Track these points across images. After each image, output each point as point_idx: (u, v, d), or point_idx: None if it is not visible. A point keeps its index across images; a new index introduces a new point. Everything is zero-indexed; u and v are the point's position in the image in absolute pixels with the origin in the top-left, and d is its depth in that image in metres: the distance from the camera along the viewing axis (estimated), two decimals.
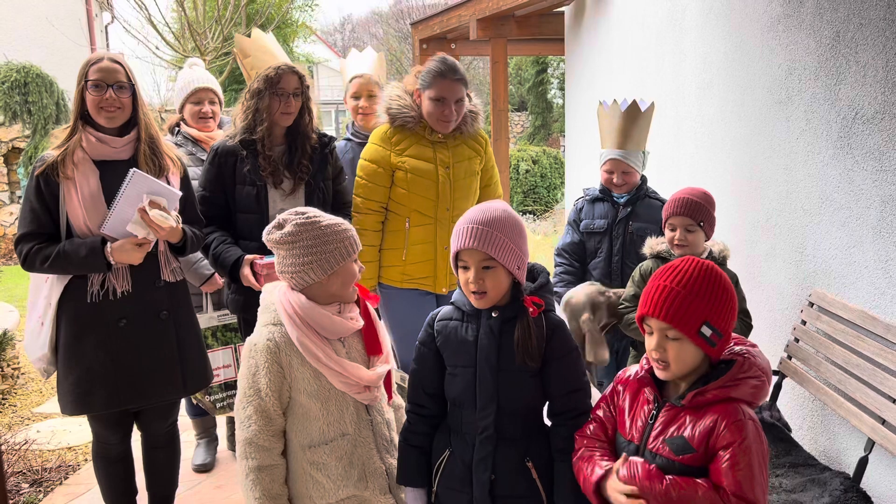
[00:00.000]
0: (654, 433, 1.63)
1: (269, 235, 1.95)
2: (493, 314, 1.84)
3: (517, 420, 1.84)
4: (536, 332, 1.80)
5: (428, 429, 1.95)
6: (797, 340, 2.90)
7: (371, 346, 2.06)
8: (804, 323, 2.88)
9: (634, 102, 3.13)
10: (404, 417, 2.04)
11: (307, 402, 1.93)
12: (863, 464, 2.37)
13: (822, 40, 2.80)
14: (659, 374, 1.65)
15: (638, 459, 1.63)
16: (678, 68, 4.15)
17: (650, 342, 1.63)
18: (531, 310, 1.80)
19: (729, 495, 1.51)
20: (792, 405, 3.04)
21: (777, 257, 3.17)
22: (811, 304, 2.85)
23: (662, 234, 2.82)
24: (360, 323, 2.02)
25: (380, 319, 2.21)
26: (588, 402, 1.88)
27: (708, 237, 2.75)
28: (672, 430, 1.61)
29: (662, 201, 3.10)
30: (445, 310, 1.95)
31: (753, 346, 1.68)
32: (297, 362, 1.91)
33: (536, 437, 1.87)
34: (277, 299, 1.96)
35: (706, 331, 1.57)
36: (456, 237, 1.81)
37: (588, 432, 1.79)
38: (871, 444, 2.38)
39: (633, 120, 3.10)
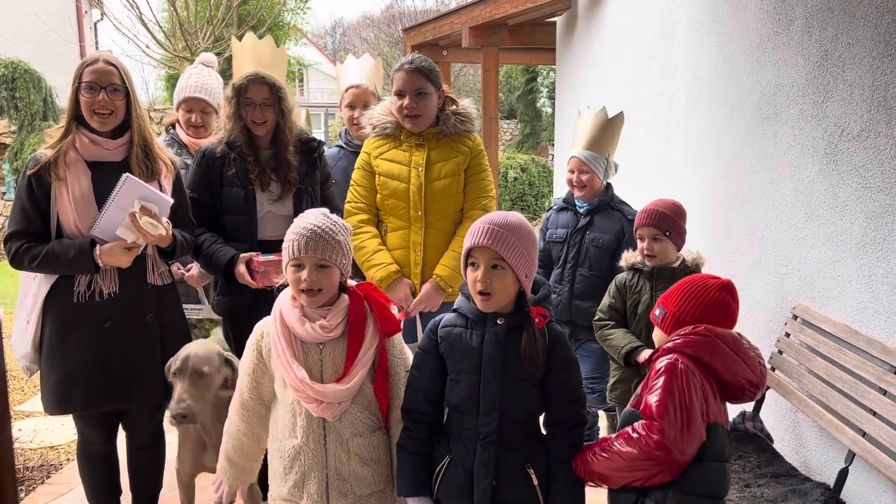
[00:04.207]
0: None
1: None
2: (499, 321, 1.85)
3: (518, 427, 1.86)
4: (541, 341, 1.83)
5: (427, 435, 1.94)
6: (780, 352, 2.94)
7: (347, 362, 1.97)
8: (788, 335, 2.92)
9: (603, 108, 3.22)
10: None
11: (278, 396, 2.04)
12: (843, 475, 2.41)
13: (810, 58, 2.85)
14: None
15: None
16: (668, 82, 4.20)
17: None
18: (537, 320, 1.82)
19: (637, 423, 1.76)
20: (774, 416, 3.08)
21: (762, 270, 3.22)
22: (795, 317, 2.89)
23: (630, 246, 2.87)
24: (323, 335, 1.95)
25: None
26: (584, 412, 1.91)
27: (678, 247, 2.78)
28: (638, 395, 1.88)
29: (625, 212, 3.15)
30: (449, 316, 1.95)
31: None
32: (274, 353, 1.99)
33: (536, 445, 1.89)
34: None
35: (658, 312, 2.00)
36: (470, 235, 1.84)
37: None
38: (851, 456, 2.42)
39: (598, 125, 3.18)
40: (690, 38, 3.91)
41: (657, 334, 2.03)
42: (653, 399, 1.74)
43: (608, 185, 3.24)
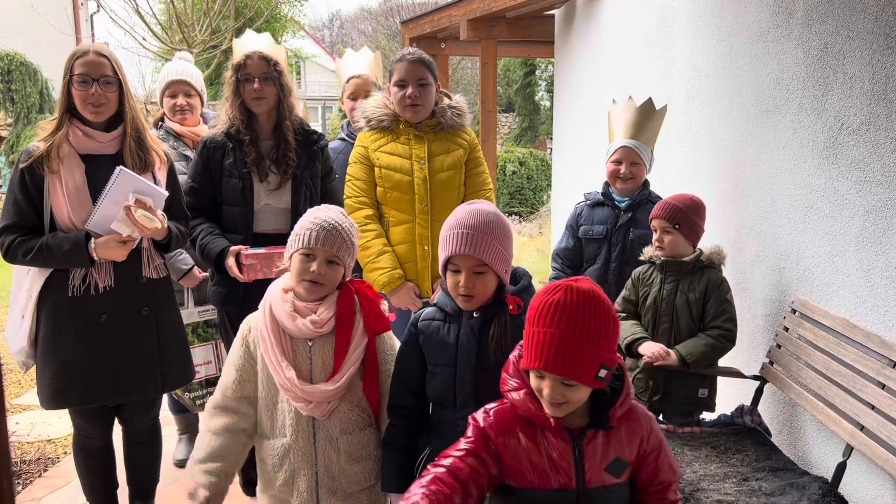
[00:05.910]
0: (590, 469, 1.55)
1: None
2: (475, 314, 1.86)
3: None
4: (513, 331, 1.82)
5: (411, 429, 1.96)
6: (779, 346, 2.93)
7: (336, 360, 1.95)
8: (786, 329, 2.91)
9: (650, 99, 3.16)
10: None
11: (261, 391, 1.99)
12: (841, 469, 2.41)
13: (810, 51, 2.83)
14: (555, 412, 1.52)
15: None
16: (667, 75, 4.18)
17: (546, 389, 1.50)
18: (511, 307, 1.82)
19: (675, 484, 1.69)
20: (772, 410, 3.08)
21: (761, 264, 3.21)
22: (793, 311, 2.89)
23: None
24: (314, 330, 1.92)
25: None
26: None
27: (691, 242, 2.77)
28: (606, 456, 1.57)
29: None
30: (428, 311, 1.97)
31: None
32: (262, 350, 1.97)
33: None
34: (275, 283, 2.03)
35: (602, 373, 1.48)
36: (448, 242, 1.82)
37: (440, 474, 1.55)
38: (849, 450, 2.42)
39: (646, 116, 3.11)
40: (690, 30, 3.89)
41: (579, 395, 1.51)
42: (674, 463, 1.68)
43: (646, 180, 3.16)
